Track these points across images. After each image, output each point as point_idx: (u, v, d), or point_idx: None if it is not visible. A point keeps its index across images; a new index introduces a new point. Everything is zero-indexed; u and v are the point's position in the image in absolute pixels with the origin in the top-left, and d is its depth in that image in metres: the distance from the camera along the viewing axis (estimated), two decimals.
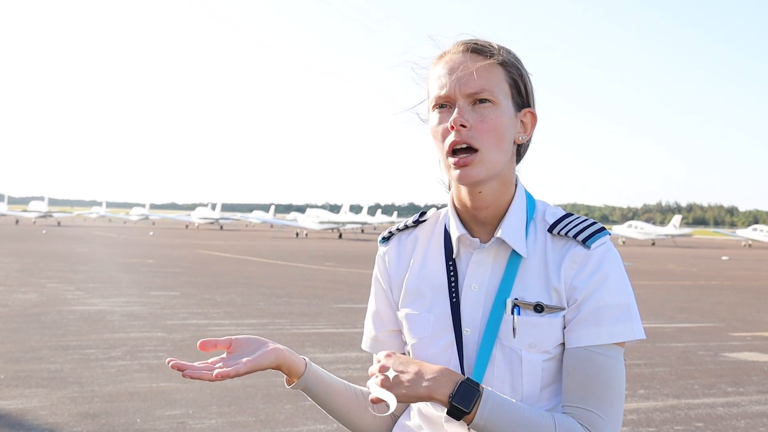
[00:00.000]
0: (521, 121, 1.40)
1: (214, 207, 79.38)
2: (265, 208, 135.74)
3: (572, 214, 1.42)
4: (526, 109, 1.41)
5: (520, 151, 1.44)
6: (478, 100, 1.33)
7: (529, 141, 1.44)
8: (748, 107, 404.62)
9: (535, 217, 1.43)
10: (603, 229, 1.38)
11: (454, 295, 1.40)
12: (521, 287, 1.37)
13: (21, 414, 4.93)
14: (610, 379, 1.34)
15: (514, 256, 1.39)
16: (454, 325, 1.39)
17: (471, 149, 1.33)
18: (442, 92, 1.35)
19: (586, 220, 1.39)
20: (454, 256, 1.42)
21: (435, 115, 1.37)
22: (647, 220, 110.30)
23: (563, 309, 1.36)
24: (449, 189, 1.50)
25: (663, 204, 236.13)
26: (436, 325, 1.41)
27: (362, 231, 68.81)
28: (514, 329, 1.35)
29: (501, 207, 1.40)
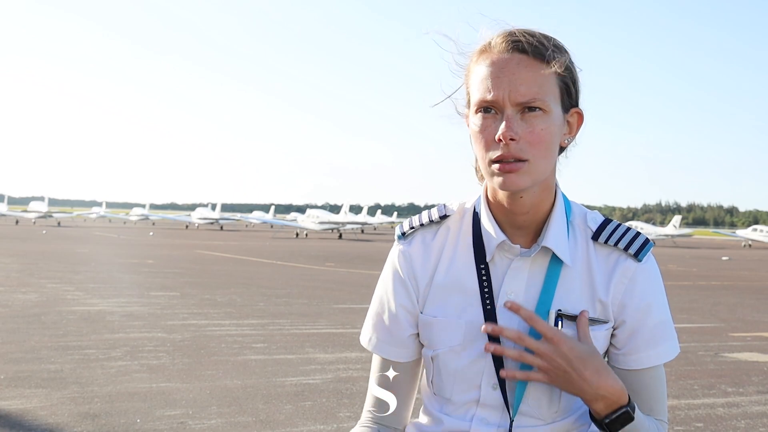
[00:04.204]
0: (567, 121, 1.30)
1: (214, 207, 79.35)
2: (265, 208, 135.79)
3: (612, 220, 1.35)
4: (574, 110, 1.31)
5: (560, 149, 1.33)
6: (527, 108, 1.22)
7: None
8: (748, 107, 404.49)
9: (572, 220, 1.35)
10: (649, 240, 1.33)
11: (488, 302, 1.31)
12: (564, 297, 1.30)
13: (21, 414, 4.93)
14: (665, 389, 1.36)
15: (555, 264, 1.31)
16: (489, 334, 1.30)
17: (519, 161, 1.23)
18: (489, 97, 1.22)
19: (630, 229, 1.33)
20: (487, 260, 1.32)
21: (478, 118, 1.25)
22: (647, 220, 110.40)
23: (607, 322, 1.31)
24: (478, 176, 1.41)
25: (663, 204, 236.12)
26: (468, 333, 1.31)
27: (362, 231, 68.73)
28: None
29: (540, 212, 1.31)
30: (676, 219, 61.68)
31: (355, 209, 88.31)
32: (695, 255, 39.04)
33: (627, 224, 1.34)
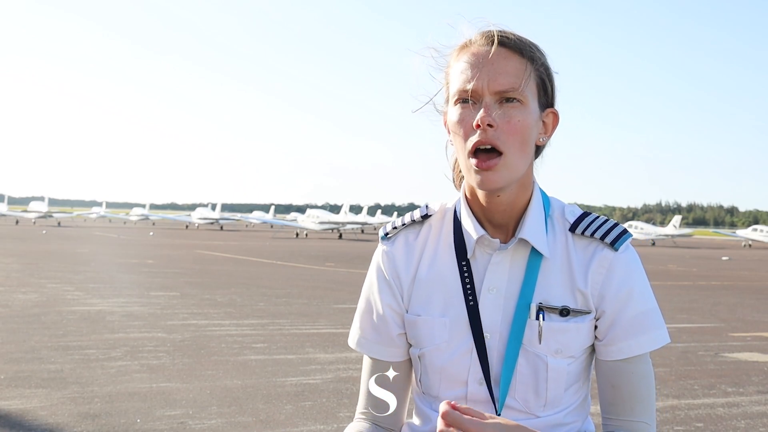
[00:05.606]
0: (543, 121, 1.32)
1: (214, 207, 79.37)
2: (265, 208, 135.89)
3: (590, 213, 1.36)
4: (549, 110, 1.33)
5: (537, 151, 1.35)
6: (505, 99, 1.24)
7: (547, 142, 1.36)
8: (748, 107, 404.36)
9: (551, 214, 1.36)
10: (626, 230, 1.34)
11: (471, 298, 1.32)
12: (544, 290, 1.31)
13: (21, 414, 4.93)
14: (650, 385, 1.34)
15: (534, 257, 1.32)
16: (473, 330, 1.31)
17: (495, 151, 1.24)
18: (468, 86, 1.25)
19: (608, 220, 1.34)
20: (468, 257, 1.34)
21: (456, 110, 1.27)
22: (647, 220, 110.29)
23: (590, 312, 1.31)
24: (455, 183, 1.43)
25: (663, 204, 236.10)
26: (452, 330, 1.33)
27: (362, 231, 68.73)
28: (540, 335, 1.29)
29: (517, 208, 1.32)
30: (676, 219, 61.65)
31: (355, 209, 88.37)
32: (695, 255, 39.03)
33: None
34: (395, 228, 1.42)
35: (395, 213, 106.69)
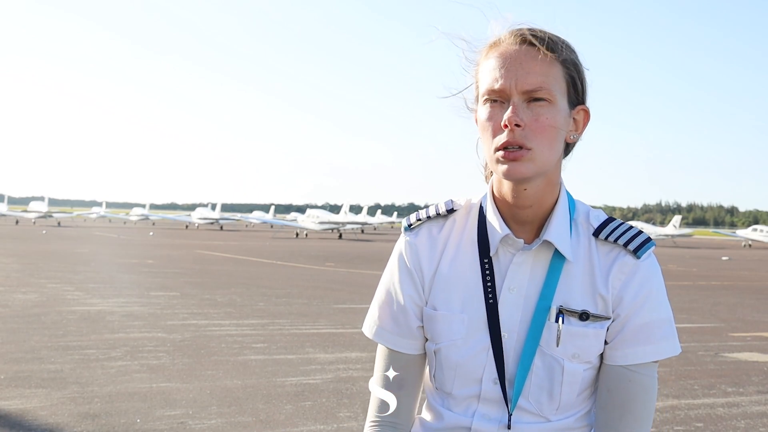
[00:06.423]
0: (574, 118, 1.32)
1: (214, 207, 79.36)
2: (265, 208, 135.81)
3: (615, 219, 1.35)
4: (580, 107, 1.32)
5: (567, 148, 1.35)
6: (533, 98, 1.24)
7: (578, 139, 1.35)
8: (748, 107, 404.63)
9: (575, 218, 1.35)
10: (650, 239, 1.33)
11: (491, 296, 1.31)
12: (565, 292, 1.30)
13: (21, 414, 4.94)
14: (649, 399, 1.32)
15: (557, 259, 1.31)
16: (490, 328, 1.31)
17: (522, 149, 1.24)
18: (496, 86, 1.25)
19: (632, 227, 1.33)
20: (491, 255, 1.33)
21: (485, 109, 1.28)
22: (647, 221, 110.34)
23: (609, 318, 1.30)
24: (487, 180, 1.42)
25: (663, 204, 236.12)
26: (470, 326, 1.32)
27: (362, 231, 68.72)
28: (558, 338, 1.29)
29: (544, 207, 1.32)
30: (676, 219, 61.69)
31: (355, 209, 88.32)
32: (695, 255, 39.04)
33: (628, 223, 1.35)
34: (419, 220, 1.41)
35: (395, 213, 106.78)
